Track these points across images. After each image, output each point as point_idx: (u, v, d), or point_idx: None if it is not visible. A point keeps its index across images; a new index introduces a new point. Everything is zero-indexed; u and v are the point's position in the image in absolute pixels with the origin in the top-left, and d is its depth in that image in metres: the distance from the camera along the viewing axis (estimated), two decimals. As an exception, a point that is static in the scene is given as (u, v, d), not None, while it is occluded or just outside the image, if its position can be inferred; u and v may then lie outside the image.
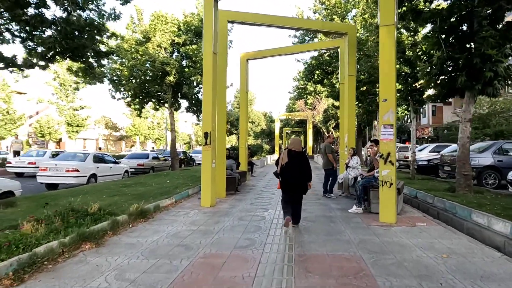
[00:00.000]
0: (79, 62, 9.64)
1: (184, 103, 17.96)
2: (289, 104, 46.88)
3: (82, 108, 35.99)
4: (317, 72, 21.55)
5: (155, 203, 6.90)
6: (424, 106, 36.39)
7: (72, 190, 8.87)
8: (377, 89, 14.90)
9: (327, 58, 20.35)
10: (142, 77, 14.83)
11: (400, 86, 11.69)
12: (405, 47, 11.41)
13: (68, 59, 9.17)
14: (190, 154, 25.95)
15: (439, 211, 6.38)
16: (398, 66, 12.05)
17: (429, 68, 8.21)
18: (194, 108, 18.17)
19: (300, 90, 36.47)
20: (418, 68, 11.20)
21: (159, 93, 15.00)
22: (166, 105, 16.68)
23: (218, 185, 8.61)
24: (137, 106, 16.78)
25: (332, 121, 23.87)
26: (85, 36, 8.70)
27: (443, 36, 7.72)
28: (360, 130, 20.42)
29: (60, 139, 45.16)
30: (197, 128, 70.54)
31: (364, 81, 14.13)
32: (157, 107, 18.09)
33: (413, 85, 11.19)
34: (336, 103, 22.82)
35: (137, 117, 55.50)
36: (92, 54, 9.69)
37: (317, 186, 10.94)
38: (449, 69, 7.83)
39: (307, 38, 20.46)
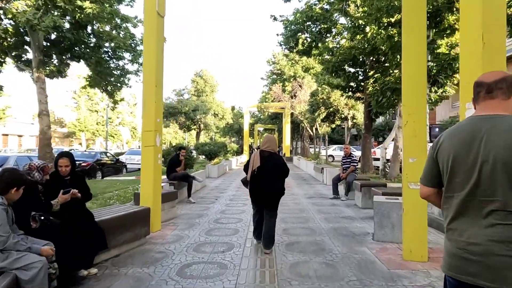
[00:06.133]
0: None
1: (78, 68, 10.29)
2: (262, 97, 39.62)
3: (-2, 95, 27.51)
4: (302, 36, 14.59)
5: None
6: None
7: None
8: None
9: (319, 11, 13.43)
10: None
11: None
12: None
13: None
14: (118, 157, 17.81)
15: None
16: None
17: None
18: (100, 78, 10.52)
19: (276, 76, 29.59)
20: None
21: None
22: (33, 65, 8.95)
23: None
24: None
25: (323, 109, 17.00)
26: None
27: None
28: (371, 120, 13.62)
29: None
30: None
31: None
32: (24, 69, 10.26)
33: None
34: (331, 82, 15.95)
35: (84, 111, 47.23)
36: None
37: (324, 242, 3.77)
38: None
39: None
